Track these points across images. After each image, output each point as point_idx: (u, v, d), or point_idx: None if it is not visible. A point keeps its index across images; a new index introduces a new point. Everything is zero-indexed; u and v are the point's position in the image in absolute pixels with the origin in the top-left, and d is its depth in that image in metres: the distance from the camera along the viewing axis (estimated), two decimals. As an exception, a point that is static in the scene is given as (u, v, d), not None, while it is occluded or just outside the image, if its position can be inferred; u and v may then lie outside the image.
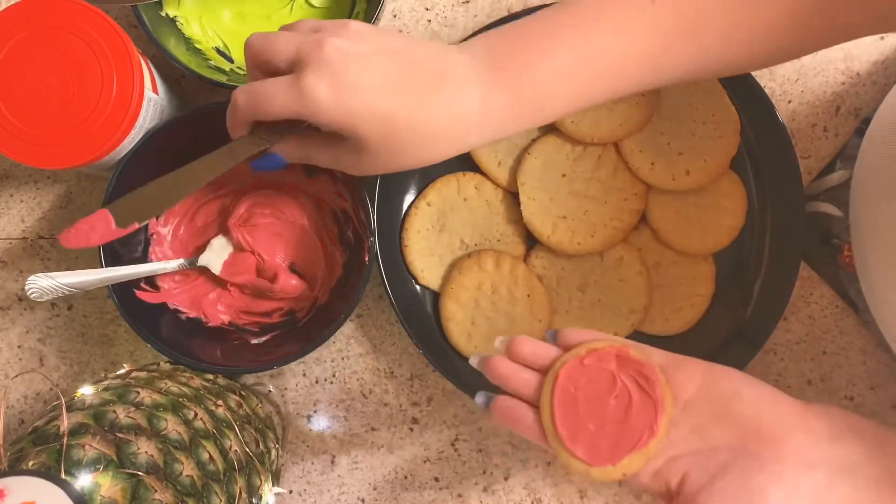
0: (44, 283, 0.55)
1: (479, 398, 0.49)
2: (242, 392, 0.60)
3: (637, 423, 0.46)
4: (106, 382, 0.54)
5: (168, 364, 0.59)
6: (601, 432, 0.46)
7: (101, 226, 0.51)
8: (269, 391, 0.66)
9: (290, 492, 0.66)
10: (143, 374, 0.56)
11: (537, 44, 0.48)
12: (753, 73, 0.62)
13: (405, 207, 0.65)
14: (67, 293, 0.56)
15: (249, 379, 0.65)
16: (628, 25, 0.48)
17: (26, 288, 0.54)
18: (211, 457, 0.50)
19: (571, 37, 0.48)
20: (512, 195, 0.65)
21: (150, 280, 0.63)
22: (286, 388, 0.66)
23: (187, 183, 0.53)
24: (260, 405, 0.62)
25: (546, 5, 0.61)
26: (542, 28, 0.49)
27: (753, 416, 0.46)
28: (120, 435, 0.47)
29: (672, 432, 0.46)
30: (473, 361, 0.50)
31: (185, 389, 0.54)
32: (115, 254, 0.59)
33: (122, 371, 0.57)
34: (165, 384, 0.54)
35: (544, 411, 0.47)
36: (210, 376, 0.59)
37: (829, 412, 0.47)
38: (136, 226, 0.52)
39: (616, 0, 0.48)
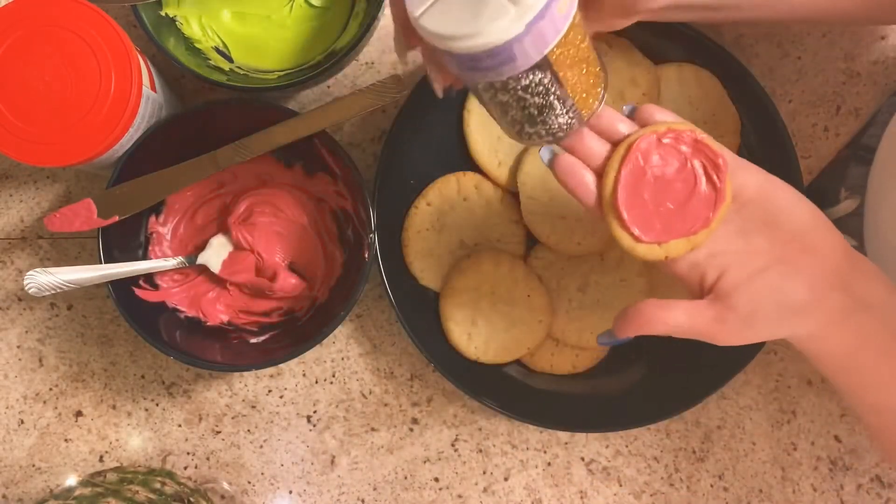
0: (42, 279, 0.55)
1: (544, 153, 0.48)
2: (191, 499, 0.60)
3: (694, 210, 0.46)
4: (50, 502, 0.56)
5: (115, 474, 0.60)
6: (658, 211, 0.46)
7: (84, 214, 0.56)
8: (226, 488, 0.66)
9: (290, 492, 0.66)
10: (87, 492, 0.57)
11: None
12: (753, 73, 0.62)
13: (405, 207, 0.64)
14: (66, 289, 0.56)
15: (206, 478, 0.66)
16: None
17: (25, 283, 0.54)
18: None
19: None
20: (512, 195, 0.64)
21: (150, 279, 0.63)
22: (286, 389, 0.66)
23: (169, 184, 0.58)
24: None
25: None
26: None
27: (801, 229, 0.47)
28: None
29: (720, 228, 0.47)
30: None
31: None
32: (114, 252, 0.59)
33: (65, 487, 0.59)
34: (109, 502, 0.55)
35: (608, 178, 0.46)
36: (157, 485, 0.59)
37: (866, 259, 0.49)
38: (117, 218, 0.57)
39: None
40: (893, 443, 0.51)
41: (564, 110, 0.45)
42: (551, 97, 0.44)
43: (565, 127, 0.46)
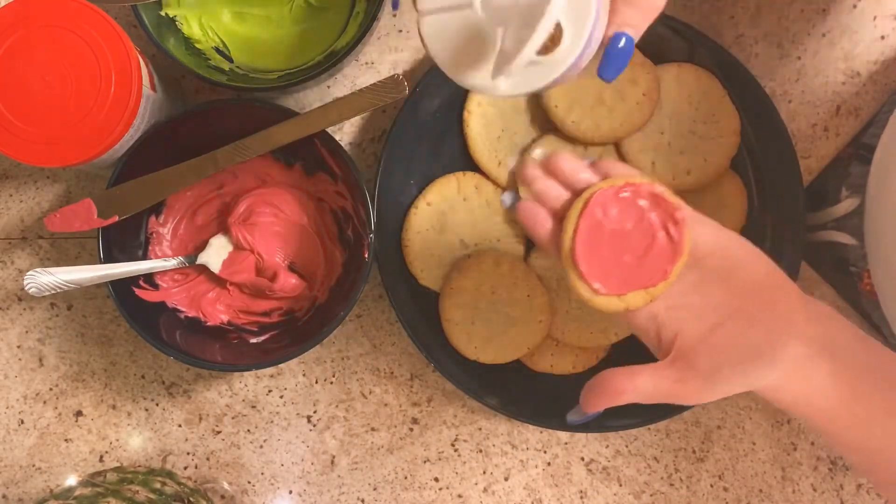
0: (42, 279, 0.55)
1: (507, 198, 0.49)
2: (191, 499, 0.60)
3: (652, 263, 0.46)
4: (50, 502, 0.55)
5: (115, 474, 0.60)
6: (616, 263, 0.47)
7: (84, 214, 0.56)
8: (226, 488, 0.66)
9: (290, 492, 0.66)
10: (87, 492, 0.56)
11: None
12: (753, 73, 0.62)
13: (405, 207, 0.64)
14: (66, 289, 0.56)
15: (205, 478, 0.66)
16: None
17: (25, 283, 0.54)
18: None
19: None
20: (512, 195, 0.64)
21: (150, 279, 0.63)
22: (286, 389, 0.66)
23: (169, 184, 0.58)
24: None
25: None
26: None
27: (757, 283, 0.47)
28: None
29: (676, 284, 0.47)
30: (511, 163, 0.51)
31: None
32: (114, 252, 0.59)
33: (65, 487, 0.58)
34: (109, 502, 0.55)
35: (567, 228, 0.47)
36: (157, 485, 0.59)
37: (823, 304, 0.49)
38: (117, 218, 0.57)
39: None
40: (884, 479, 0.51)
41: None
42: None
43: None
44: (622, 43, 0.42)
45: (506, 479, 0.66)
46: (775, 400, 0.48)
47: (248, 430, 0.66)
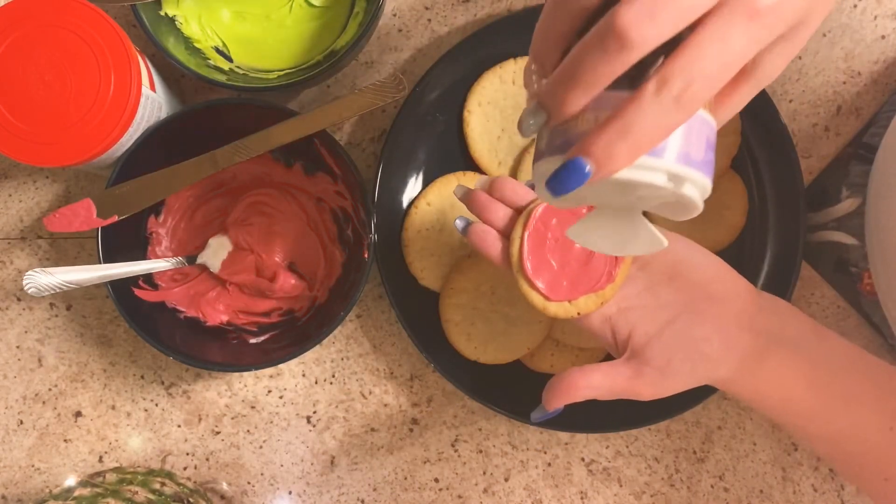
0: (42, 280, 0.55)
1: (459, 223, 0.52)
2: (191, 500, 0.60)
3: (597, 268, 0.49)
4: (49, 503, 0.56)
5: (114, 474, 0.60)
6: (563, 271, 0.49)
7: (84, 214, 0.57)
8: (225, 489, 0.66)
9: (290, 493, 0.66)
10: (86, 492, 0.56)
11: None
12: (754, 73, 0.62)
13: (405, 207, 0.64)
14: (65, 290, 0.56)
15: (205, 476, 0.66)
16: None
17: (24, 283, 0.54)
18: None
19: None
20: (512, 195, 0.64)
21: (149, 279, 0.63)
22: (286, 389, 0.66)
23: (169, 184, 0.58)
24: None
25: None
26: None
27: (704, 279, 0.49)
28: None
29: (627, 287, 0.50)
30: (458, 193, 0.53)
31: None
32: (113, 252, 0.59)
33: (65, 487, 0.58)
34: (108, 503, 0.55)
35: (514, 243, 0.50)
36: (157, 486, 0.59)
37: (775, 297, 0.51)
38: (116, 218, 0.57)
39: None
40: (849, 466, 0.51)
41: None
42: None
43: None
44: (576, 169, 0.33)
45: (506, 480, 0.66)
46: (734, 393, 0.49)
47: (248, 431, 0.66)
